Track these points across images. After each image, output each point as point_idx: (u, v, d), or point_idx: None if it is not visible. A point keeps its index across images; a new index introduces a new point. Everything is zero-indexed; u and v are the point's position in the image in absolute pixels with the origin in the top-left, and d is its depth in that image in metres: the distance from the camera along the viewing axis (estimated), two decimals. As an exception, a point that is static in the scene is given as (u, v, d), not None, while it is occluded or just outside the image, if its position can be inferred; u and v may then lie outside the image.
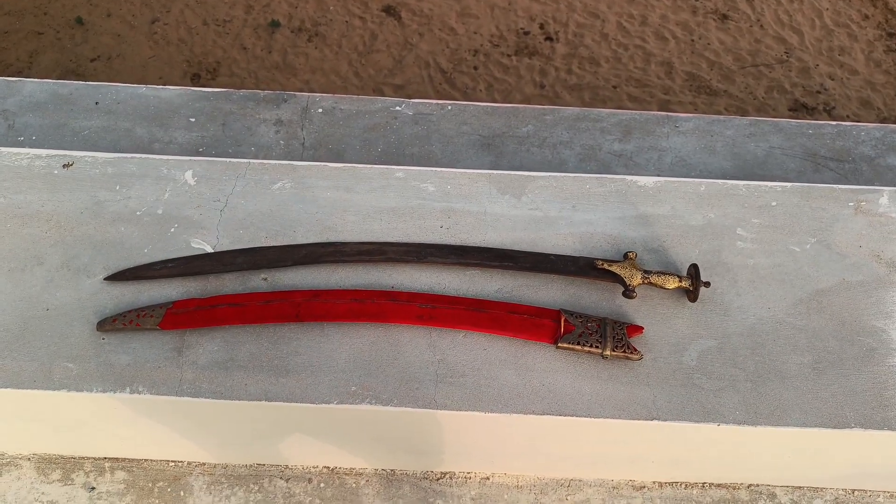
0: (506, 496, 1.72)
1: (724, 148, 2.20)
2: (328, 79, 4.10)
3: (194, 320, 1.52)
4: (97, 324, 1.52)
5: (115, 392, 1.46)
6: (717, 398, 1.49)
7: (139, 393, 1.46)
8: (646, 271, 1.58)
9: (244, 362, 1.49)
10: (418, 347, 1.52)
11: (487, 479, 1.74)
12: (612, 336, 1.51)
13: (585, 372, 1.51)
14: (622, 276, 1.58)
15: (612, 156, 2.38)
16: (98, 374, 1.47)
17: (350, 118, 2.23)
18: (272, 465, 1.74)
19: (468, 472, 1.74)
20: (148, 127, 2.21)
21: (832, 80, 4.26)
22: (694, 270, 1.58)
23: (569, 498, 1.74)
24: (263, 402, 1.47)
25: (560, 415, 1.46)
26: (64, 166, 1.72)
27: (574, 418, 1.47)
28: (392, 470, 1.72)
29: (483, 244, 1.66)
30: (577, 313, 1.55)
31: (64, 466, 1.75)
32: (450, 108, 2.22)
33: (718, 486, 1.77)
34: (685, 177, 2.20)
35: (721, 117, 2.46)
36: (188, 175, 1.73)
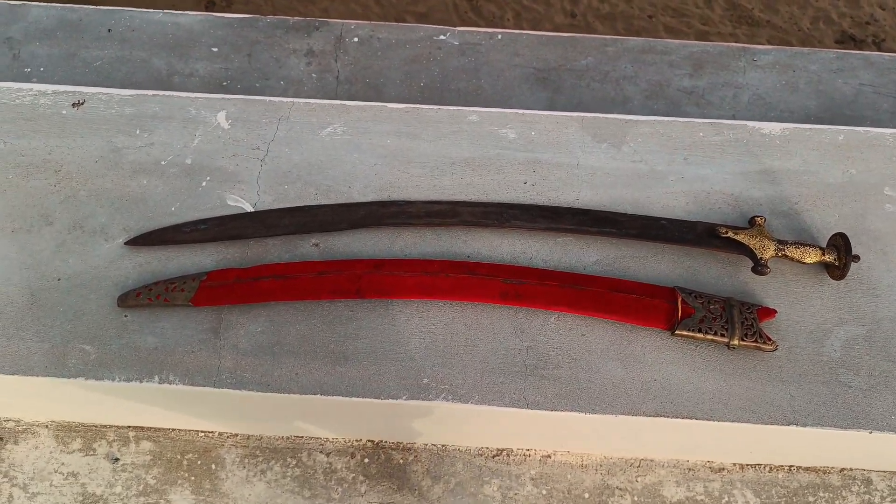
0: (569, 476, 1.48)
1: (808, 85, 1.91)
2: (347, 7, 3.75)
3: (233, 295, 1.26)
4: (118, 298, 1.27)
5: (140, 381, 1.22)
6: (868, 399, 1.22)
7: (170, 383, 1.22)
8: (780, 241, 1.29)
9: (294, 347, 1.24)
10: (502, 332, 1.26)
11: (549, 456, 1.48)
12: (740, 321, 1.23)
13: (707, 365, 1.24)
14: (751, 246, 1.28)
15: (681, 93, 2.11)
16: (120, 359, 1.23)
17: (389, 49, 1.96)
18: (311, 438, 1.51)
19: (528, 450, 1.48)
20: (166, 57, 1.92)
21: (883, 9, 3.82)
22: (842, 241, 1.28)
23: (639, 479, 1.50)
24: (318, 396, 1.22)
25: (677, 417, 1.20)
26: (74, 105, 1.44)
27: (693, 421, 1.20)
28: (443, 445, 1.47)
29: (577, 204, 1.37)
30: (696, 292, 1.27)
31: (85, 435, 1.54)
32: (500, 37, 1.94)
33: (807, 469, 1.51)
34: (763, 118, 1.92)
35: (805, 50, 2.16)
36: (221, 117, 1.44)
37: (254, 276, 1.28)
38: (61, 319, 1.26)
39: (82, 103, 1.44)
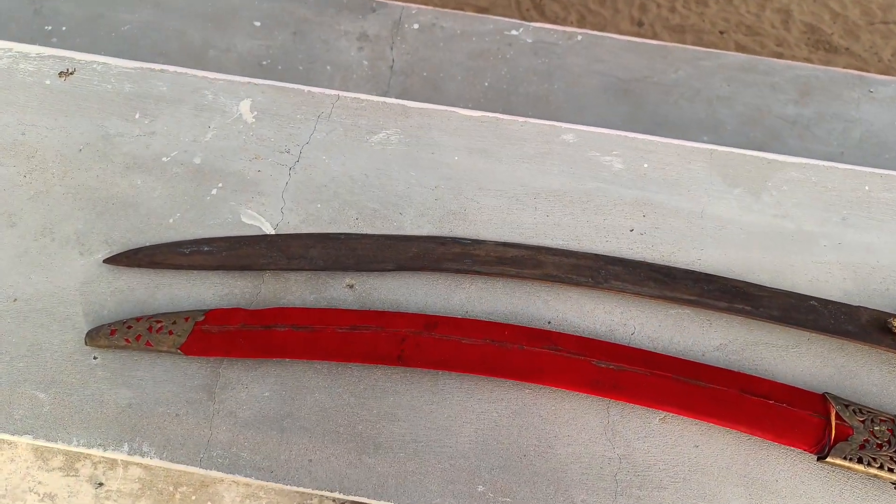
0: None
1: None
2: (402, -7, 3.45)
3: (237, 345, 0.95)
4: (87, 334, 0.96)
5: (104, 449, 0.92)
6: None
7: (142, 455, 0.92)
8: (975, 346, 0.95)
9: (309, 422, 0.93)
10: (588, 431, 0.94)
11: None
12: (916, 453, 0.89)
13: (866, 509, 0.90)
14: (935, 350, 0.94)
15: (783, 122, 1.86)
16: (82, 415, 0.93)
17: (452, 40, 1.73)
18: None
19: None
20: (203, 29, 1.65)
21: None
22: None
23: None
24: (336, 495, 0.90)
25: (821, 579, 0.87)
26: (61, 75, 1.14)
27: (843, 587, 0.87)
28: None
29: (698, 266, 1.04)
30: (854, 404, 0.93)
31: (68, 453, 1.24)
32: (580, 38, 1.72)
33: None
34: (876, 160, 1.65)
35: (932, 86, 1.85)
36: (244, 107, 1.12)
37: (266, 323, 0.97)
38: (11, 354, 0.96)
39: (71, 73, 1.14)
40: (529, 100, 1.96)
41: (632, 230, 1.06)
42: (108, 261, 1.01)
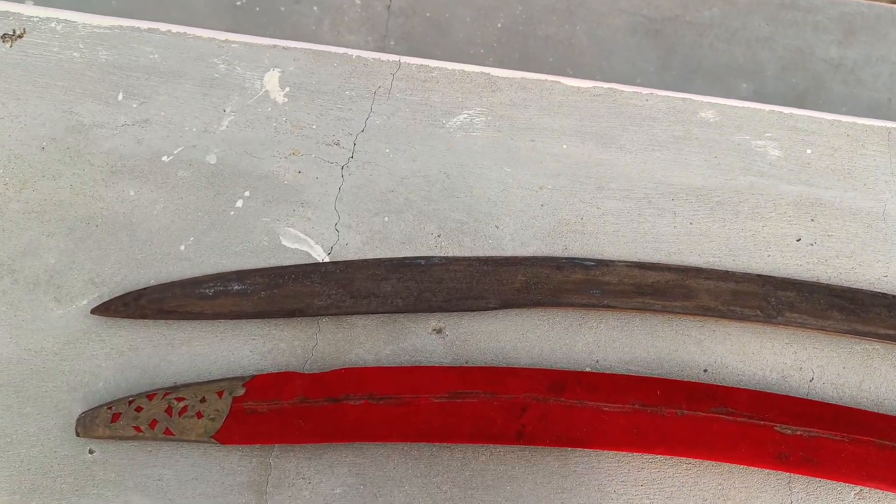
0: None
1: None
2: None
3: (294, 427, 0.69)
4: (78, 419, 0.68)
5: (118, 584, 0.65)
6: None
7: (172, 589, 0.65)
8: None
9: (402, 529, 0.67)
10: (770, 518, 0.71)
11: None
12: None
13: None
14: None
15: (826, 64, 1.73)
16: (80, 543, 0.66)
17: None
18: None
19: None
20: None
21: None
22: None
23: None
24: None
25: None
26: (4, 38, 0.80)
27: None
28: None
29: (886, 284, 0.80)
30: None
31: None
32: None
33: None
34: None
35: None
36: (272, 80, 0.82)
37: (334, 394, 0.70)
38: (-31, 451, 0.67)
39: (20, 36, 0.80)
40: (550, 44, 1.81)
41: (799, 240, 0.80)
42: (97, 310, 0.72)
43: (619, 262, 0.78)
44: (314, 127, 0.80)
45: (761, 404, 0.73)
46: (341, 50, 0.82)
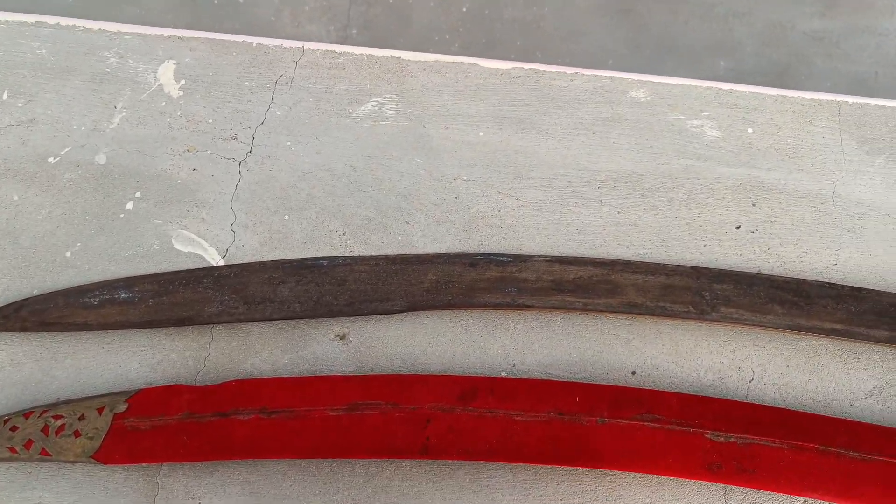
0: None
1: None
2: None
3: (180, 444, 0.64)
4: (-49, 441, 0.64)
5: None
6: None
7: None
8: None
9: (298, 552, 0.63)
10: (704, 535, 0.65)
11: None
12: None
13: None
14: None
15: (808, 38, 1.65)
16: (-49, 574, 0.62)
17: None
18: None
19: None
20: None
21: None
22: None
23: None
24: None
25: None
26: None
27: None
28: None
29: (833, 274, 0.74)
30: None
31: None
32: None
33: None
34: None
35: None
36: (166, 72, 0.77)
37: (223, 409, 0.65)
38: None
39: None
40: (517, 27, 1.78)
41: (739, 227, 0.74)
42: (-25, 324, 0.68)
43: (538, 257, 0.72)
44: (210, 121, 0.75)
45: (692, 409, 0.67)
46: (240, 38, 0.77)
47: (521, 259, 0.72)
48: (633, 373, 0.70)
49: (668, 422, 0.66)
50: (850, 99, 0.79)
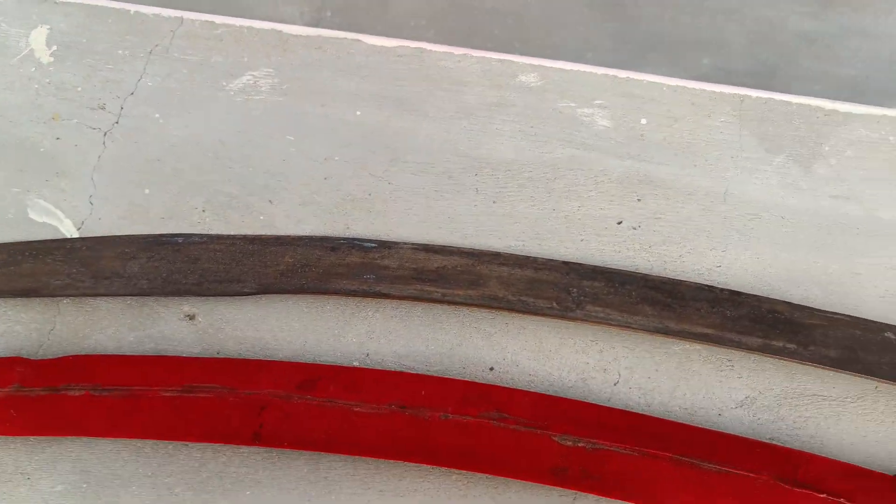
0: None
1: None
2: None
3: (8, 418, 0.62)
4: None
5: None
6: None
7: None
8: None
9: (125, 532, 0.61)
10: (547, 541, 0.62)
11: None
12: None
13: None
14: None
15: (799, 39, 1.64)
16: None
17: None
18: None
19: None
20: None
21: None
22: None
23: None
24: None
25: None
26: None
27: None
28: None
29: (717, 277, 0.70)
30: (950, 496, 0.61)
31: None
32: None
33: None
34: None
35: None
36: (38, 38, 0.75)
37: (55, 383, 0.63)
38: None
39: None
40: (497, 17, 1.69)
41: (620, 223, 0.70)
42: None
43: (405, 244, 0.69)
44: (80, 89, 0.73)
45: (543, 410, 0.64)
46: (118, 4, 0.75)
47: (385, 245, 0.69)
48: (492, 368, 0.67)
49: (515, 422, 0.63)
50: (754, 93, 0.75)
